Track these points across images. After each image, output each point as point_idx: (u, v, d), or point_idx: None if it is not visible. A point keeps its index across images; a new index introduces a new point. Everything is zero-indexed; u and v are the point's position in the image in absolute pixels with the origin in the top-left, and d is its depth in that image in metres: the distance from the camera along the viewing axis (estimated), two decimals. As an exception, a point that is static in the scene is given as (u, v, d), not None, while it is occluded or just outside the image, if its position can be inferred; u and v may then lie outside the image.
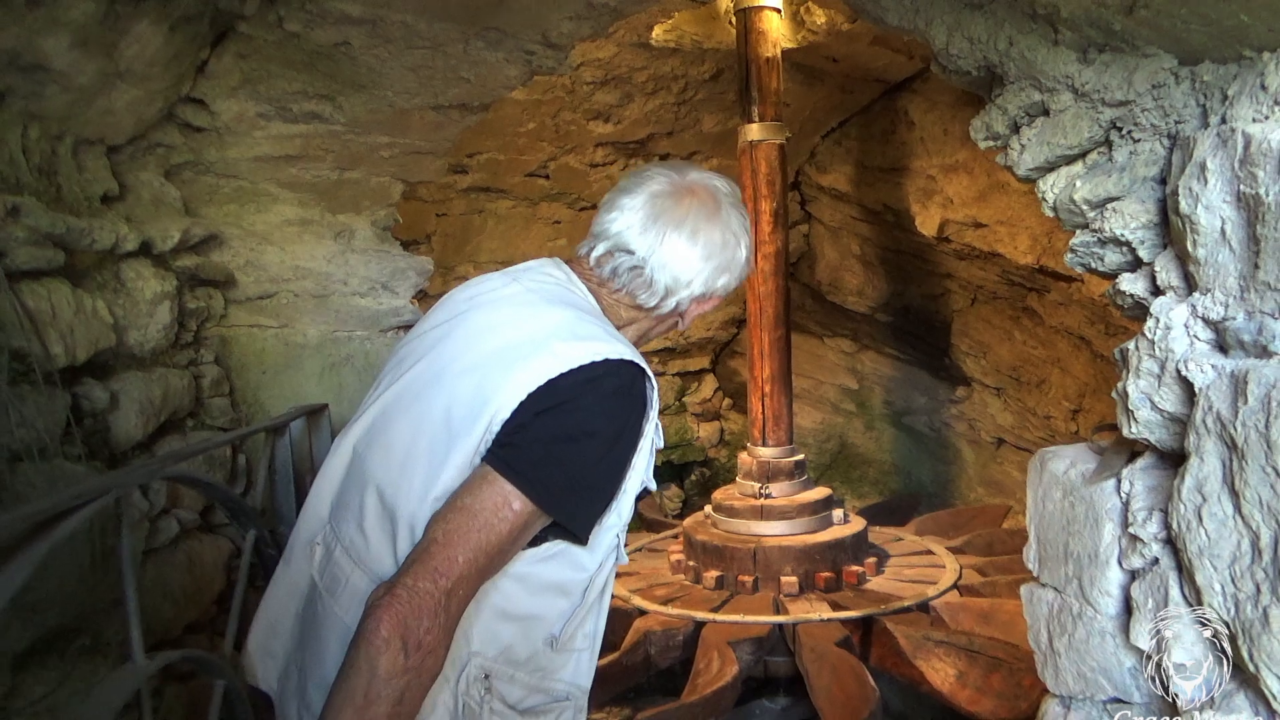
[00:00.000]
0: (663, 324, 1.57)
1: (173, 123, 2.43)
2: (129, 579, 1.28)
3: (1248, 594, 1.14)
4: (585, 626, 1.41)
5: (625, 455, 1.33)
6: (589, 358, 1.28)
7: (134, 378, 2.19)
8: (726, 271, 1.50)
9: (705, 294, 1.51)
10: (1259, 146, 1.19)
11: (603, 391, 1.29)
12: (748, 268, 1.56)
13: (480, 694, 1.31)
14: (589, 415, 1.28)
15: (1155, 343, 1.36)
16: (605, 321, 1.43)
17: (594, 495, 1.31)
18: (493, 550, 1.22)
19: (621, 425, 1.31)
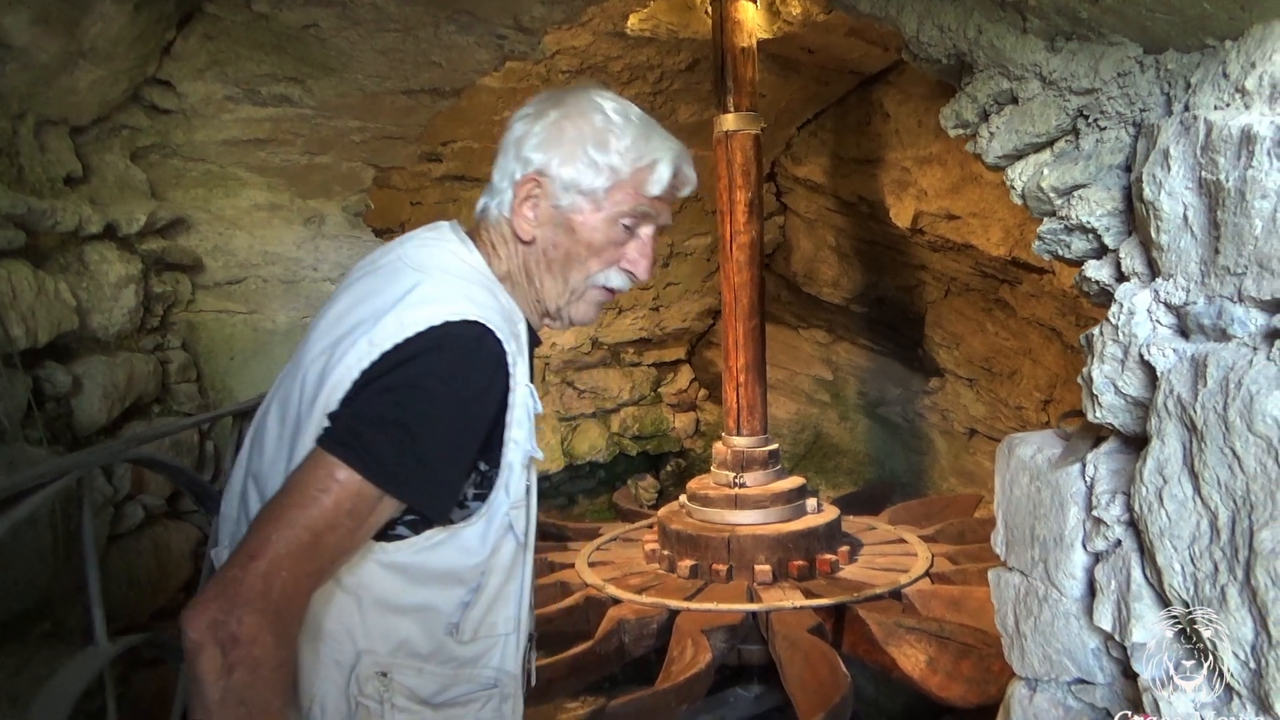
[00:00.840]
0: (555, 255, 1.34)
1: (138, 104, 2.40)
2: (91, 561, 1.26)
3: (1206, 573, 1.16)
4: (497, 613, 1.32)
5: (476, 424, 1.21)
6: (428, 322, 1.18)
7: (98, 361, 2.16)
8: (572, 160, 1.30)
9: (566, 185, 1.30)
10: (1220, 133, 1.21)
11: (441, 356, 1.18)
12: (616, 158, 1.31)
13: (378, 691, 1.24)
14: (424, 382, 1.16)
15: (1119, 328, 1.37)
16: (474, 284, 1.29)
17: (437, 467, 1.19)
18: (318, 526, 1.10)
19: (467, 390, 1.19)
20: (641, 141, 1.32)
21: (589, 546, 4.25)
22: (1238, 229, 1.17)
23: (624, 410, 6.07)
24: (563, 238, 1.34)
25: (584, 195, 1.31)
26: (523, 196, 1.32)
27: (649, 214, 1.35)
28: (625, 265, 1.36)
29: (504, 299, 1.32)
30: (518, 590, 1.35)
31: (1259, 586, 1.06)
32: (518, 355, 1.26)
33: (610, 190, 1.31)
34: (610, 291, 1.38)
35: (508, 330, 1.25)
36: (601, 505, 5.97)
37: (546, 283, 1.36)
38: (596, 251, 1.34)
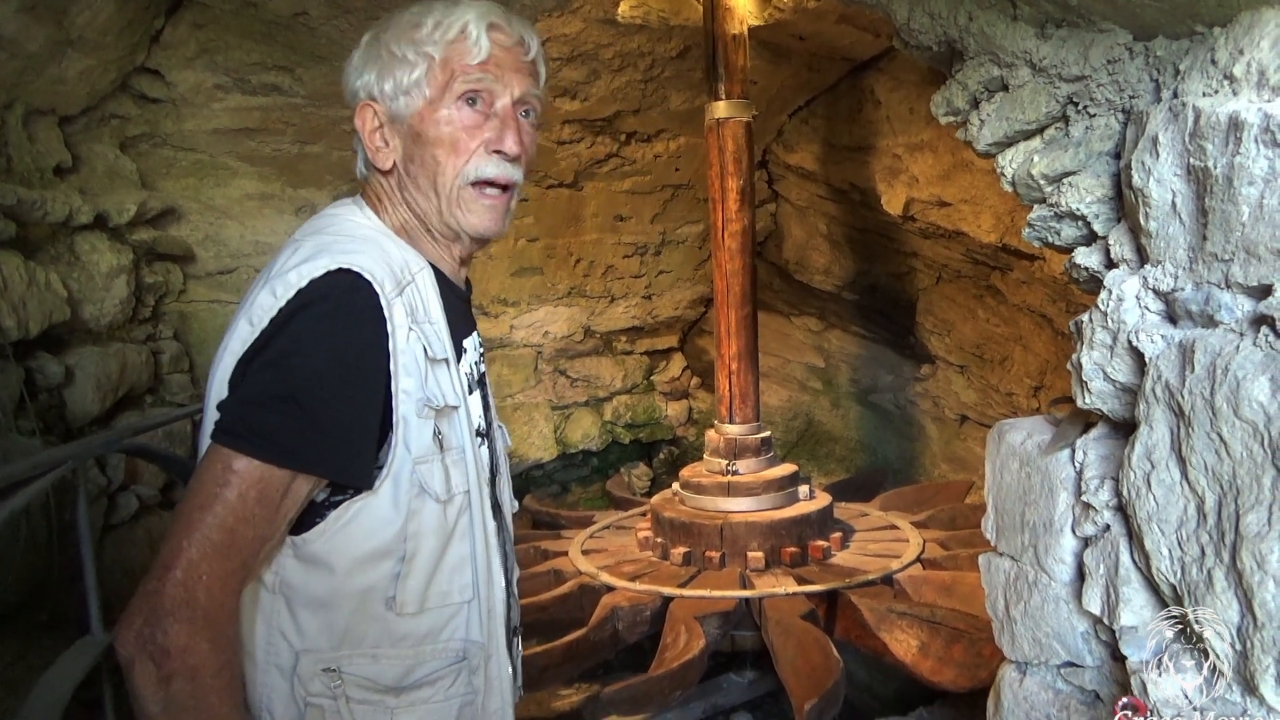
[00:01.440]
0: (416, 170, 1.26)
1: (127, 94, 2.38)
2: (86, 550, 1.26)
3: (1193, 557, 1.17)
4: (447, 581, 1.24)
5: (368, 376, 1.14)
6: (297, 285, 1.11)
7: (90, 352, 2.16)
8: (389, 68, 1.23)
9: (392, 93, 1.24)
10: (1208, 120, 1.22)
11: (313, 313, 1.11)
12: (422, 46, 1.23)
13: (328, 688, 1.19)
14: (301, 346, 1.10)
15: (1108, 314, 1.38)
16: (355, 238, 1.21)
17: (336, 430, 1.12)
18: (228, 522, 1.05)
19: (347, 343, 1.12)
20: (443, 14, 1.24)
21: (582, 534, 4.26)
22: (1225, 216, 1.18)
23: (616, 399, 6.08)
24: (415, 149, 1.25)
25: (411, 95, 1.24)
26: (367, 131, 1.27)
27: (487, 83, 1.25)
28: (493, 148, 1.26)
29: (398, 250, 1.24)
30: (468, 554, 1.27)
31: (1245, 570, 1.08)
32: (412, 302, 1.20)
33: (430, 76, 1.24)
34: (496, 186, 1.28)
35: (391, 276, 1.17)
36: (595, 493, 5.98)
37: (422, 203, 1.28)
38: (451, 146, 1.24)
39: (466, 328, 1.39)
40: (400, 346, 1.16)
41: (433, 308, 1.24)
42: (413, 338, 1.18)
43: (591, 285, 5.63)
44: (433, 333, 1.22)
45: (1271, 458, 1.05)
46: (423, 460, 1.20)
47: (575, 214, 5.28)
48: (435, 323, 1.24)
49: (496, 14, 1.27)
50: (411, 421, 1.18)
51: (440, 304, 1.26)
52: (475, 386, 1.38)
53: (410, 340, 1.18)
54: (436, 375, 1.22)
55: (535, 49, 1.31)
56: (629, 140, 5.00)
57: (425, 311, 1.23)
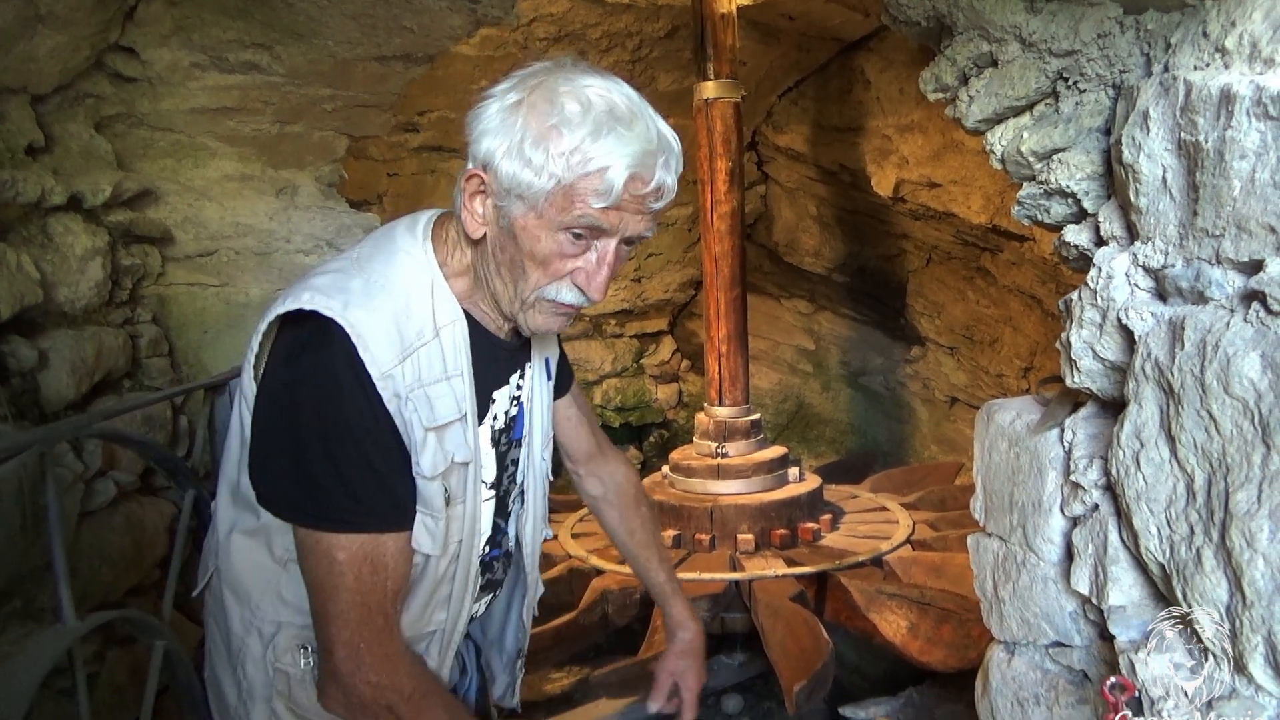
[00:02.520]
0: (501, 259, 1.21)
1: (102, 72, 2.33)
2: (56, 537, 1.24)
3: (1182, 535, 1.16)
4: (426, 616, 1.31)
5: (349, 440, 1.14)
6: (272, 322, 1.18)
7: (64, 336, 2.12)
8: (511, 156, 1.14)
9: (506, 185, 1.15)
10: (1199, 94, 1.19)
11: (279, 360, 1.17)
12: (573, 163, 1.12)
13: (296, 661, 1.27)
14: (277, 403, 1.16)
15: (1097, 292, 1.37)
16: (392, 283, 1.19)
17: (357, 485, 1.15)
18: (356, 598, 1.17)
19: (317, 400, 1.13)
20: (590, 143, 1.12)
21: (572, 518, 4.25)
22: (1216, 190, 1.16)
23: (606, 382, 6.06)
24: (508, 242, 1.19)
25: (523, 200, 1.15)
26: (470, 191, 1.20)
27: (601, 227, 1.16)
28: (576, 282, 1.20)
29: (430, 301, 1.22)
30: (447, 595, 1.33)
31: (1234, 548, 1.06)
32: (422, 361, 1.18)
33: (551, 197, 1.14)
34: (567, 306, 1.24)
35: (395, 344, 1.15)
36: (585, 477, 5.97)
37: (497, 286, 1.24)
38: (541, 263, 1.18)
39: (503, 377, 1.37)
40: (396, 411, 1.17)
41: (453, 362, 1.23)
42: (409, 406, 1.18)
43: (580, 268, 5.59)
44: (444, 392, 1.21)
45: (1262, 435, 1.04)
46: (429, 516, 1.23)
47: (563, 196, 5.23)
48: (453, 378, 1.23)
49: (644, 161, 1.14)
50: (432, 484, 1.22)
51: (468, 358, 1.25)
52: (495, 436, 1.37)
53: (407, 408, 1.17)
54: (442, 438, 1.22)
55: (673, 190, 1.21)
56: (617, 122, 4.95)
57: (443, 368, 1.22)
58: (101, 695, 2.02)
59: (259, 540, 1.26)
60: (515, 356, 1.40)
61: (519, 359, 1.42)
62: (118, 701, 2.04)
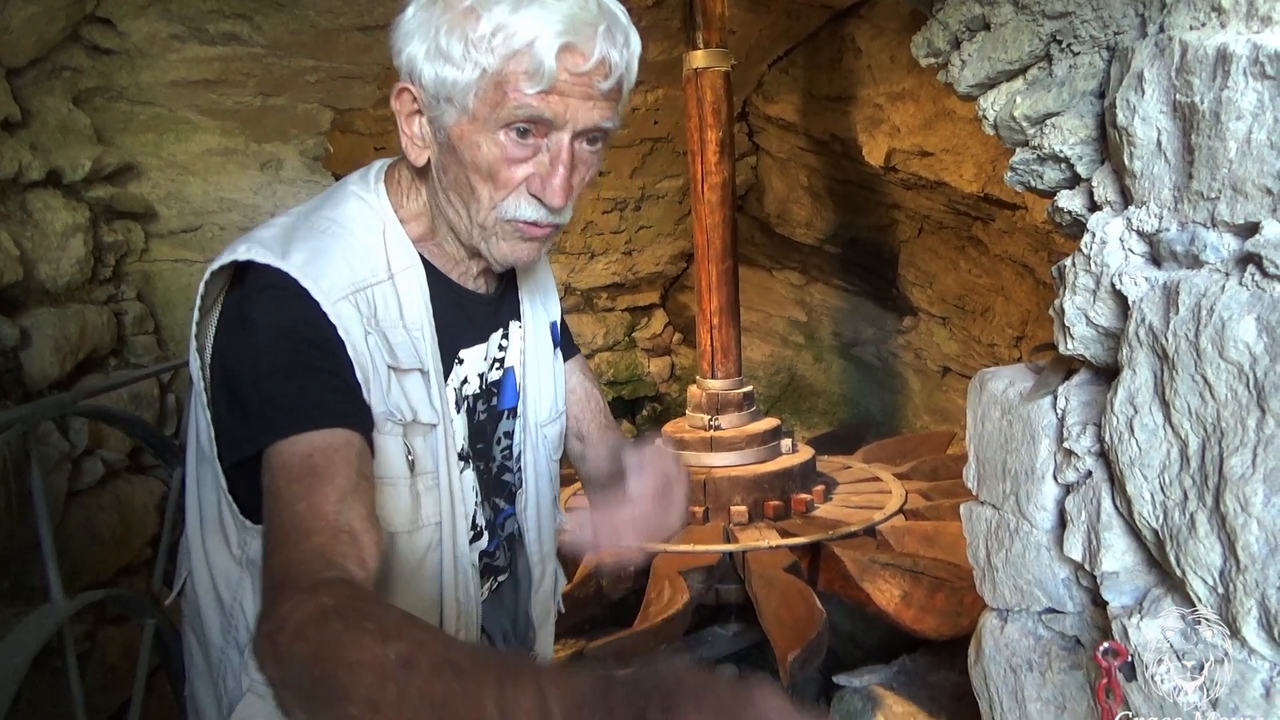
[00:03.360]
0: (448, 182, 1.08)
1: (79, 44, 2.28)
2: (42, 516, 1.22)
3: (1175, 501, 1.15)
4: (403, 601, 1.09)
5: (330, 351, 1.00)
6: (229, 258, 1.02)
7: (46, 313, 2.09)
8: (432, 55, 1.00)
9: (433, 91, 1.02)
10: (1195, 54, 1.17)
11: (224, 328, 1.04)
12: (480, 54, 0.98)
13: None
14: (246, 338, 1.00)
15: (1091, 258, 1.35)
16: (338, 224, 1.08)
17: (289, 389, 0.98)
18: (326, 505, 0.93)
19: (286, 325, 0.99)
20: (510, 16, 0.96)
21: (566, 492, 4.25)
22: (1212, 152, 1.14)
23: (599, 356, 6.05)
24: (450, 160, 1.05)
25: (453, 103, 1.01)
26: (405, 113, 1.06)
27: (543, 117, 1.00)
28: (532, 190, 1.05)
29: (382, 244, 1.10)
30: (434, 597, 1.15)
31: (1228, 513, 1.06)
32: (376, 302, 1.06)
33: (480, 92, 0.99)
34: (535, 226, 1.08)
35: (342, 269, 1.03)
36: (578, 451, 5.97)
37: (451, 216, 1.10)
38: (487, 175, 1.04)
39: (475, 335, 1.23)
40: (357, 348, 1.02)
41: (410, 311, 1.10)
42: (371, 341, 1.04)
43: (571, 242, 5.56)
44: (403, 339, 1.08)
45: (1257, 399, 1.03)
46: (383, 483, 1.05)
47: (552, 169, 5.19)
48: (412, 328, 1.10)
49: (576, 29, 0.98)
50: (389, 439, 1.06)
51: (428, 309, 1.12)
52: (466, 401, 1.22)
53: (370, 343, 1.04)
54: (404, 386, 1.08)
55: (620, 65, 1.03)
56: (606, 92, 4.90)
57: (399, 315, 1.09)
58: (93, 674, 2.01)
59: (219, 537, 1.12)
60: (493, 312, 1.26)
61: (499, 316, 1.28)
62: (110, 680, 2.04)
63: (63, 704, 1.34)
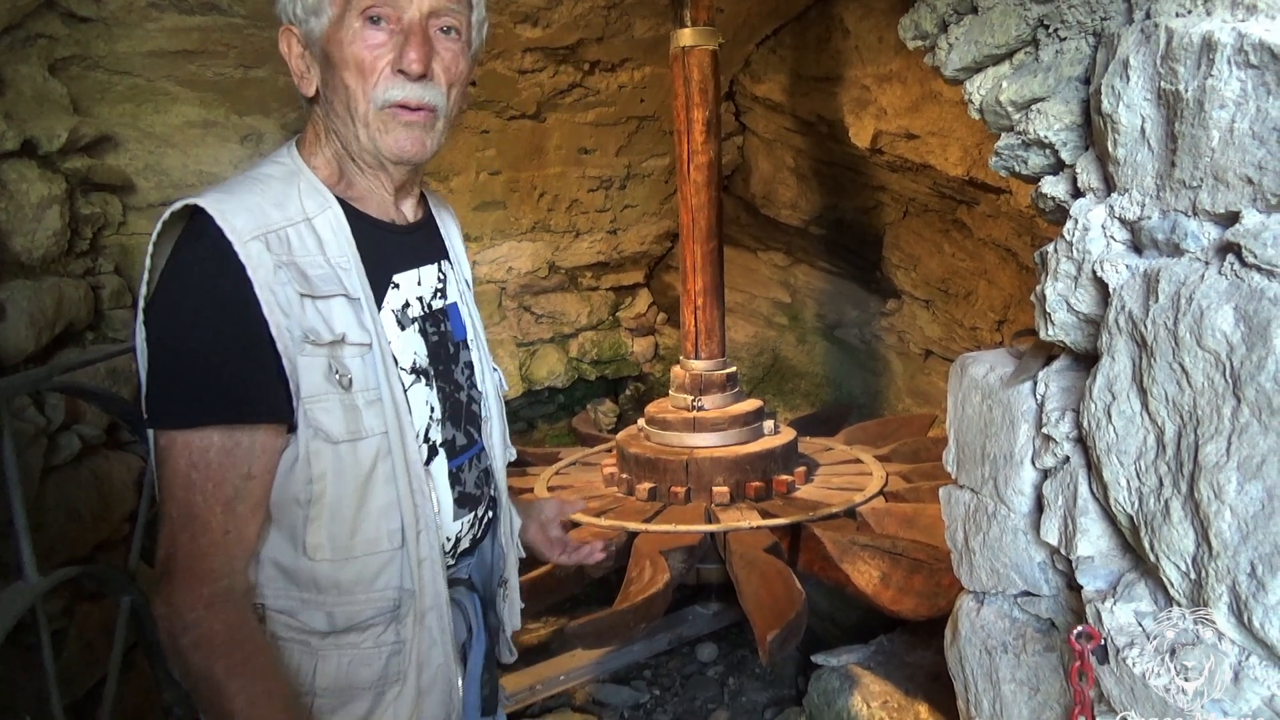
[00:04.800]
0: (334, 97, 1.21)
1: (54, 11, 2.23)
2: (15, 492, 1.21)
3: (1151, 487, 1.16)
4: (367, 529, 1.20)
5: (229, 312, 1.10)
6: (161, 219, 1.13)
7: (22, 286, 2.06)
8: None
9: (299, 15, 1.20)
10: (1180, 41, 1.17)
11: (172, 265, 1.12)
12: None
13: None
14: (164, 304, 1.11)
15: (1073, 244, 1.36)
16: (250, 178, 1.19)
17: (213, 374, 1.10)
18: (181, 496, 1.11)
19: (198, 285, 1.10)
20: None
21: (548, 471, 4.26)
22: (1195, 140, 1.14)
23: (582, 335, 6.03)
24: (328, 74, 1.20)
25: (319, 16, 1.18)
26: (291, 57, 1.23)
27: (391, 1, 1.17)
28: (397, 67, 1.18)
29: (295, 191, 1.19)
30: (394, 499, 1.23)
31: (1201, 499, 1.07)
32: (293, 241, 1.15)
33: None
34: (410, 109, 1.20)
35: (256, 217, 1.13)
36: (561, 430, 5.97)
37: (343, 130, 1.23)
38: (355, 68, 1.17)
39: (406, 262, 1.33)
40: (264, 281, 1.11)
41: (332, 247, 1.20)
42: (281, 274, 1.13)
43: (556, 220, 5.52)
44: (323, 271, 1.18)
45: (1233, 387, 1.04)
46: (315, 399, 1.15)
47: (538, 146, 5.15)
48: (336, 261, 1.20)
49: None
50: (296, 359, 1.14)
51: (350, 242, 1.22)
52: (415, 323, 1.32)
53: (279, 276, 1.13)
54: (324, 310, 1.17)
55: None
56: (592, 70, 4.85)
57: (319, 250, 1.19)
58: (70, 651, 2.00)
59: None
60: (418, 244, 1.37)
61: (426, 249, 1.39)
62: (88, 657, 2.03)
63: (37, 680, 1.34)
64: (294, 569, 1.20)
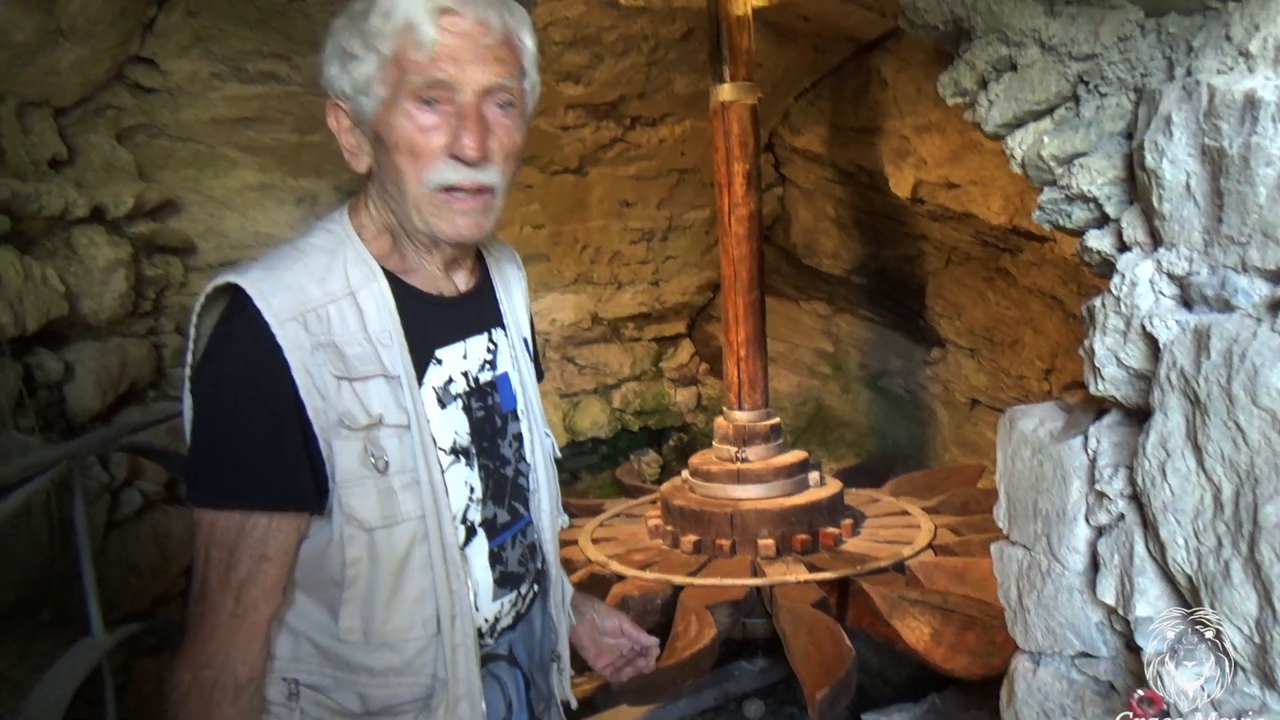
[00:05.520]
0: (386, 175, 1.18)
1: (122, 84, 2.35)
2: (84, 551, 1.25)
3: (1210, 547, 1.14)
4: (401, 615, 1.18)
5: (263, 398, 1.10)
6: (197, 311, 1.13)
7: (89, 347, 2.15)
8: (343, 62, 1.16)
9: (350, 92, 1.16)
10: (1223, 98, 1.18)
11: (206, 343, 1.12)
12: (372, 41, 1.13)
13: (285, 699, 1.18)
14: (203, 381, 1.12)
15: (1121, 299, 1.35)
16: (297, 249, 1.18)
17: (239, 460, 1.10)
18: (206, 573, 1.11)
19: (236, 368, 1.10)
20: (389, 4, 1.12)
21: (592, 523, 4.25)
22: (1242, 197, 1.14)
23: (625, 386, 6.06)
24: (381, 153, 1.17)
25: (367, 95, 1.14)
26: (341, 129, 1.20)
27: (440, 80, 1.12)
28: (449, 153, 1.14)
29: (340, 262, 1.17)
30: (429, 586, 1.19)
31: (1263, 561, 1.05)
32: (333, 319, 1.13)
33: (383, 75, 1.13)
34: (464, 192, 1.17)
35: (296, 295, 1.11)
36: (604, 481, 5.97)
37: (396, 208, 1.20)
38: (408, 151, 1.14)
39: (450, 336, 1.29)
40: (301, 363, 1.10)
41: (374, 321, 1.17)
42: (318, 356, 1.12)
43: (598, 272, 5.60)
44: (362, 349, 1.15)
45: (1291, 446, 1.02)
46: (349, 484, 1.14)
47: (581, 200, 5.25)
48: (377, 337, 1.17)
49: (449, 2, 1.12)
50: (331, 442, 1.13)
51: (394, 317, 1.19)
52: (458, 399, 1.28)
53: (316, 358, 1.11)
54: (361, 392, 1.15)
55: (501, 26, 1.16)
56: (634, 125, 4.96)
57: (360, 326, 1.16)
58: (128, 705, 2.04)
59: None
60: (467, 315, 1.33)
61: (477, 319, 1.35)
62: (144, 711, 2.06)
63: (98, 735, 1.37)
64: (329, 647, 1.19)
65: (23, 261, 1.97)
